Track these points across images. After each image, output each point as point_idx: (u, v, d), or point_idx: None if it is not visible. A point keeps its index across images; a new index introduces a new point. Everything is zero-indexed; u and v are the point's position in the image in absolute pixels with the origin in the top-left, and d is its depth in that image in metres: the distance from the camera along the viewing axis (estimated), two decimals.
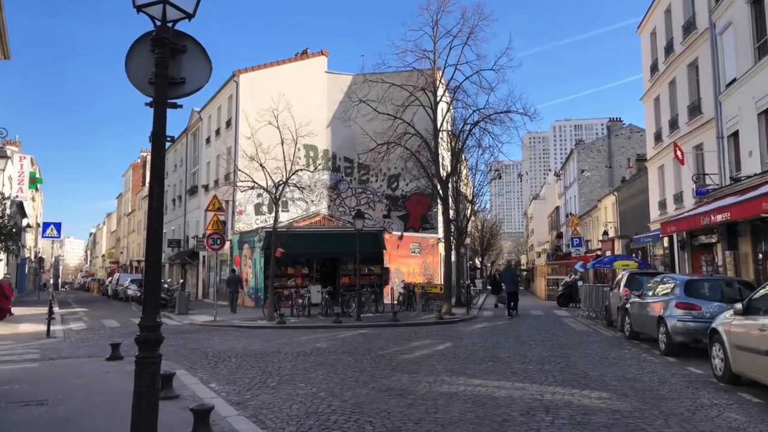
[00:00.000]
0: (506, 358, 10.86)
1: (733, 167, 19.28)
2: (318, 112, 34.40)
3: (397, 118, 22.10)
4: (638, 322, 13.23)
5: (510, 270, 26.98)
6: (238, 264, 31.24)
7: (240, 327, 18.21)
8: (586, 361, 10.43)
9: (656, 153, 27.10)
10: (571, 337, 14.73)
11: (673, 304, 11.03)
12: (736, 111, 18.52)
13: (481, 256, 64.90)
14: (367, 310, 22.23)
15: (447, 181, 23.75)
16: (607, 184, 51.71)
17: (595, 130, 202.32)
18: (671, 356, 10.93)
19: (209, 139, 39.28)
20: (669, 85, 25.05)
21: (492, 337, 14.73)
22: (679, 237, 22.91)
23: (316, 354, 11.56)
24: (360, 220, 19.88)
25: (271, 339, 14.45)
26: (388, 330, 16.75)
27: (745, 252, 17.71)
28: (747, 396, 7.46)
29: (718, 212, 14.86)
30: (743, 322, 7.64)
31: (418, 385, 8.20)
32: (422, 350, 12.13)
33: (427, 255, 32.82)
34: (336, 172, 35.67)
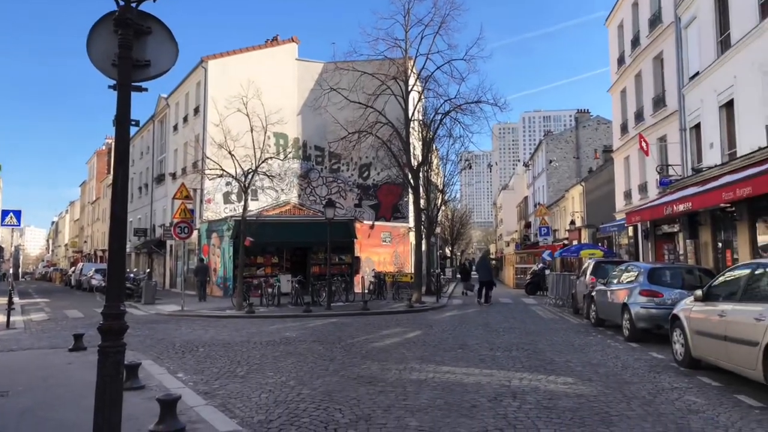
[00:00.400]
0: (475, 345, 10.99)
1: (695, 158, 19.79)
2: (288, 100, 34.01)
3: (368, 107, 22.01)
4: (603, 309, 13.55)
5: (484, 259, 27.35)
6: (207, 253, 30.82)
7: (208, 316, 17.99)
8: (553, 348, 10.63)
9: (622, 144, 27.64)
10: (539, 324, 15.00)
11: (637, 292, 11.32)
12: (698, 104, 18.98)
13: (451, 245, 65.44)
14: (337, 299, 22.21)
15: (418, 170, 23.81)
16: (575, 174, 52.60)
17: (563, 121, 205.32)
18: (634, 342, 11.22)
19: (177, 127, 38.51)
20: (635, 78, 25.52)
21: (461, 325, 14.89)
22: (643, 226, 23.47)
23: (285, 343, 11.51)
24: (331, 209, 19.79)
25: (240, 328, 14.32)
26: (359, 319, 16.77)
27: (705, 241, 18.25)
28: (706, 380, 7.72)
29: (680, 202, 15.26)
30: (703, 308, 7.88)
31: (388, 373, 8.24)
32: (392, 338, 12.19)
33: (398, 244, 32.96)
34: (307, 160, 35.40)
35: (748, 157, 14.48)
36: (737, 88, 16.18)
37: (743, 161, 14.66)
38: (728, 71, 16.65)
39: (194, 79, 35.03)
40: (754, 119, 15.16)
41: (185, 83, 36.66)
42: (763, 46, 14.49)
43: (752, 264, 7.66)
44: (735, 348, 6.88)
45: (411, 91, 23.32)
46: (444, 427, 5.58)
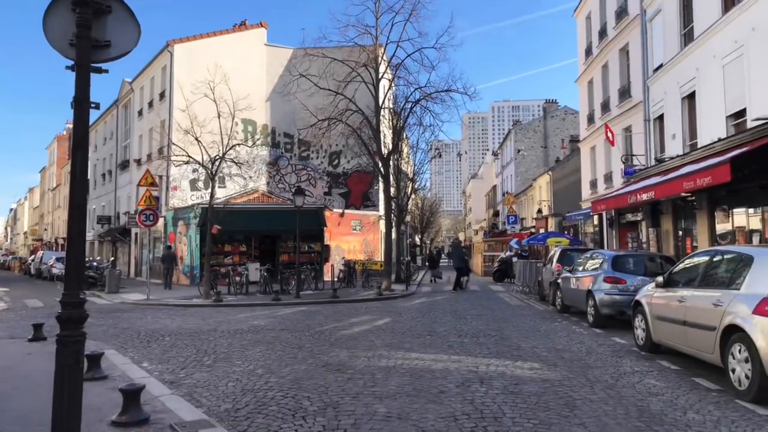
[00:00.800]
0: (443, 332, 11.09)
1: (658, 149, 20.26)
2: (257, 86, 33.50)
3: (338, 93, 21.84)
4: (569, 296, 13.81)
5: (458, 247, 27.68)
6: (173, 241, 30.30)
7: (174, 305, 17.71)
8: (519, 334, 10.80)
9: (589, 134, 28.11)
10: (506, 311, 15.22)
11: (601, 279, 11.57)
12: (662, 95, 19.40)
13: (421, 234, 65.76)
14: (307, 287, 22.12)
15: (388, 158, 23.78)
16: (543, 164, 53.35)
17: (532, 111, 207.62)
18: (598, 328, 11.49)
19: (141, 112, 37.57)
20: (602, 69, 25.93)
21: (430, 312, 15.00)
22: (608, 215, 23.98)
23: (253, 331, 11.41)
24: (300, 197, 19.63)
25: (207, 317, 14.14)
26: (328, 307, 16.74)
27: (667, 229, 18.75)
28: (666, 363, 7.95)
29: (643, 191, 15.61)
30: (664, 294, 8.10)
31: (356, 360, 8.25)
32: (361, 326, 12.20)
33: (368, 232, 32.97)
34: (275, 147, 34.99)
35: (708, 147, 14.88)
36: (699, 81, 16.58)
37: (704, 152, 15.06)
38: (691, 64, 17.04)
39: (159, 64, 34.17)
40: (715, 111, 15.58)
41: (150, 67, 35.74)
42: (724, 40, 14.86)
43: (710, 251, 7.89)
44: (694, 332, 7.10)
45: (381, 78, 23.22)
46: (412, 413, 5.62)
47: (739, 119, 14.57)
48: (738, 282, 6.51)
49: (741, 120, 14.41)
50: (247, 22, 35.40)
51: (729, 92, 14.91)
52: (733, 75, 14.68)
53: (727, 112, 15.05)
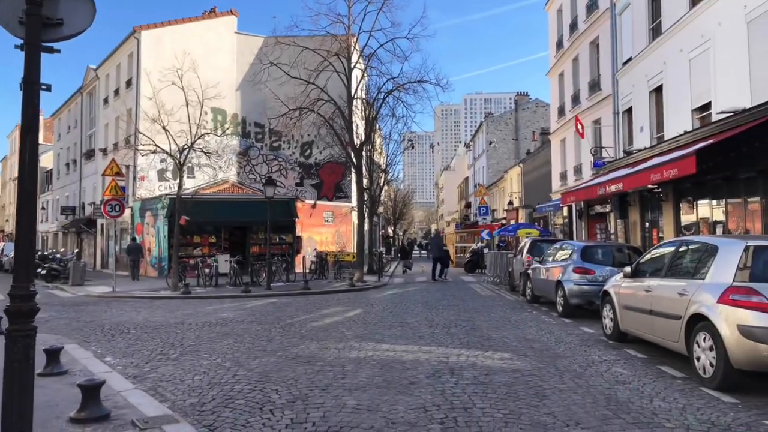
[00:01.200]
0: (414, 323, 11.06)
1: (626, 141, 20.56)
2: (227, 75, 32.89)
3: (309, 83, 21.56)
4: (539, 286, 13.94)
5: (437, 237, 28.11)
6: (140, 232, 29.66)
7: (141, 298, 17.32)
8: (490, 324, 10.84)
9: (559, 126, 28.40)
10: (477, 301, 15.29)
11: (571, 269, 11.69)
12: (630, 88, 19.66)
13: (394, 225, 65.85)
14: (278, 279, 21.89)
15: (361, 149, 23.63)
16: (514, 156, 53.81)
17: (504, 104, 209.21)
18: (567, 318, 11.61)
19: (107, 100, 36.58)
20: (572, 62, 26.17)
21: (402, 303, 14.98)
22: (577, 206, 24.30)
23: (222, 324, 11.20)
24: (271, 188, 19.35)
25: (175, 309, 13.85)
26: (299, 298, 16.58)
27: (634, 220, 19.08)
28: (632, 352, 8.06)
29: (612, 183, 15.81)
30: (631, 284, 8.19)
31: (326, 352, 8.15)
32: (332, 317, 12.10)
33: (340, 224, 32.78)
34: (246, 137, 34.46)
35: (675, 140, 15.14)
36: (666, 74, 16.84)
37: (670, 144, 15.32)
38: (658, 58, 17.29)
39: (126, 50, 33.26)
40: (681, 104, 15.85)
41: (116, 54, 34.77)
42: (690, 34, 15.10)
43: (676, 241, 8.00)
44: (660, 321, 7.19)
45: (354, 68, 23.02)
46: (382, 404, 5.55)
47: (704, 112, 14.85)
48: (703, 272, 6.60)
49: (706, 113, 14.69)
50: (216, 10, 34.68)
51: (695, 86, 15.18)
52: (699, 69, 14.94)
53: (692, 105, 15.32)
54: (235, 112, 34.08)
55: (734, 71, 13.11)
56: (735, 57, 13.03)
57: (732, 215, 13.29)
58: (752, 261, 6.05)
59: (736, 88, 13.05)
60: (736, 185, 12.96)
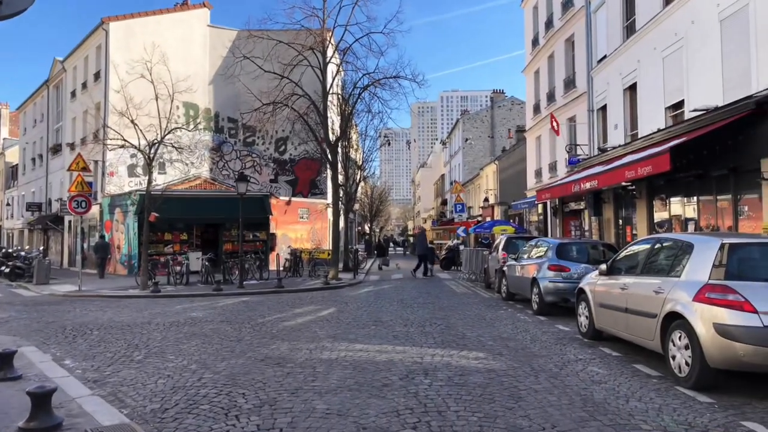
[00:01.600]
0: (389, 321, 10.88)
1: (601, 139, 20.68)
2: (199, 68, 32.27)
3: (283, 77, 21.17)
4: (514, 284, 13.88)
5: (422, 235, 28.28)
6: (109, 229, 28.91)
7: (109, 297, 16.81)
8: (465, 323, 10.72)
9: (535, 124, 28.50)
10: (452, 299, 15.17)
11: (546, 267, 11.63)
12: (605, 86, 19.77)
13: (370, 222, 65.59)
14: (251, 277, 21.51)
15: (336, 145, 23.34)
16: (489, 153, 54.05)
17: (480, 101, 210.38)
18: (543, 315, 11.55)
19: (75, 93, 35.54)
20: (548, 59, 26.26)
21: (377, 301, 14.79)
22: (552, 203, 24.42)
23: (191, 324, 10.86)
24: (243, 184, 18.95)
25: (143, 309, 13.42)
26: (272, 297, 16.27)
27: (608, 217, 19.20)
28: (607, 350, 7.99)
29: (587, 180, 15.85)
30: (606, 281, 8.12)
31: (298, 353, 7.90)
32: (305, 317, 11.84)
33: (315, 221, 32.42)
34: (219, 132, 33.86)
35: (648, 138, 15.24)
36: (640, 72, 16.94)
37: (644, 142, 15.41)
38: (632, 56, 17.38)
39: (94, 42, 32.35)
40: (654, 102, 15.95)
41: (84, 45, 33.78)
42: (664, 33, 15.18)
43: (652, 239, 7.96)
44: (635, 320, 7.12)
45: (329, 63, 22.69)
46: (353, 408, 5.35)
47: (678, 110, 14.96)
48: (678, 269, 6.55)
49: (679, 111, 14.80)
50: (189, 2, 33.95)
51: (668, 84, 15.28)
52: (672, 67, 15.04)
53: (666, 103, 15.43)
54: (208, 107, 33.45)
55: (707, 69, 13.21)
56: (708, 55, 13.13)
57: (703, 212, 13.40)
58: (727, 259, 6.00)
59: (708, 86, 13.15)
60: (708, 183, 13.06)
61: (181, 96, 21.40)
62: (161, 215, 21.56)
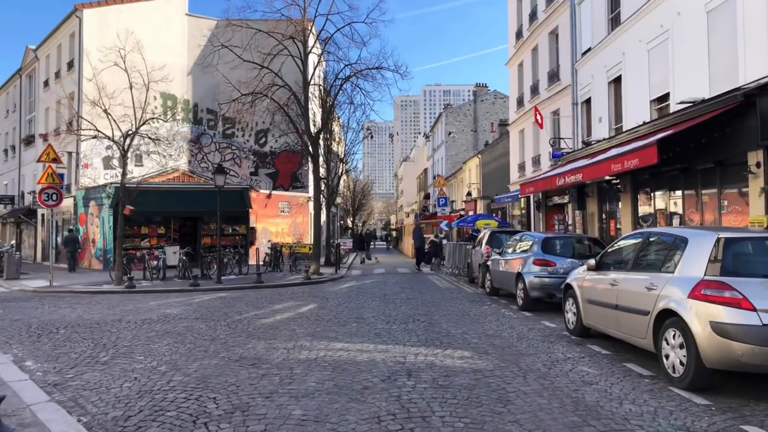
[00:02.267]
0: (371, 318, 10.54)
1: (585, 132, 20.52)
2: (177, 58, 31.51)
3: (263, 67, 20.63)
4: (498, 278, 13.62)
5: (419, 229, 29.18)
6: (84, 223, 28.13)
7: (81, 292, 16.23)
8: (449, 319, 10.42)
9: (518, 117, 28.30)
10: (435, 294, 14.88)
11: (531, 261, 11.37)
12: (589, 79, 19.58)
13: (353, 216, 65.20)
14: (229, 272, 21.03)
15: (317, 137, 22.87)
16: (472, 147, 53.89)
17: (462, 95, 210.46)
18: (528, 311, 11.30)
19: (48, 82, 34.52)
20: (532, 52, 26.03)
21: (358, 297, 14.44)
22: (535, 197, 24.26)
23: (164, 321, 10.40)
24: (221, 176, 18.43)
25: (115, 305, 12.91)
26: (251, 292, 15.83)
27: (592, 211, 19.06)
28: (597, 348, 7.74)
29: (572, 174, 15.64)
30: (595, 277, 7.87)
31: (274, 353, 7.52)
32: (284, 313, 11.44)
33: (297, 214, 31.95)
34: (198, 124, 33.15)
35: (633, 131, 15.05)
36: (625, 65, 16.76)
37: (629, 135, 15.22)
38: (617, 48, 17.19)
39: (67, 30, 31.40)
40: (639, 95, 15.78)
41: (57, 33, 32.81)
42: (649, 24, 14.99)
43: (643, 233, 7.71)
44: (626, 317, 6.87)
45: (310, 53, 22.19)
46: (331, 414, 5.00)
47: (663, 103, 14.80)
48: (671, 265, 6.29)
49: (664, 104, 14.64)
50: None
51: (654, 76, 15.10)
52: (657, 59, 14.86)
53: (651, 96, 15.26)
54: (186, 98, 32.74)
55: (693, 62, 13.03)
56: (694, 47, 12.95)
57: (688, 206, 13.26)
58: (723, 254, 5.75)
59: (695, 78, 12.98)
60: (693, 176, 12.91)
61: (158, 86, 20.76)
62: (137, 208, 20.97)
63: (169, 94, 30.38)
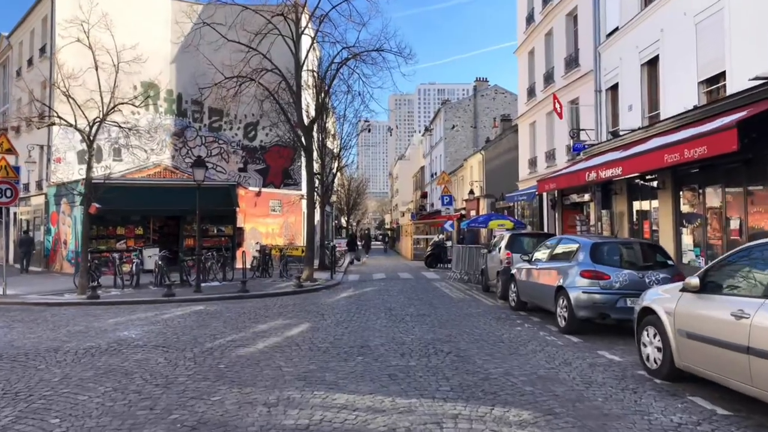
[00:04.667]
0: (380, 347, 8.28)
1: (609, 122, 18.38)
2: (160, 45, 29.12)
3: (251, 48, 18.34)
4: (528, 291, 11.39)
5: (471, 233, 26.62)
6: (56, 222, 25.73)
7: (34, 304, 13.91)
8: (481, 348, 8.19)
9: (528, 109, 26.14)
10: (450, 308, 12.65)
11: (577, 273, 9.14)
12: (616, 62, 17.44)
13: (347, 215, 62.92)
14: (212, 278, 18.76)
15: (311, 128, 20.59)
16: (472, 144, 51.75)
17: (457, 94, 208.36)
18: (573, 335, 9.08)
19: (20, 71, 32.03)
20: (545, 37, 23.88)
21: (359, 311, 12.18)
22: (550, 196, 22.11)
23: (113, 351, 8.12)
24: (201, 170, 16.12)
25: (63, 324, 10.60)
26: (233, 305, 13.55)
27: (621, 210, 16.93)
28: (705, 403, 5.51)
29: (607, 167, 13.47)
30: (701, 302, 5.65)
31: (249, 415, 5.25)
32: (269, 338, 9.18)
33: (289, 214, 29.59)
34: (182, 116, 30.76)
35: (678, 118, 12.91)
36: (664, 44, 14.61)
37: (673, 122, 13.09)
38: (653, 25, 15.04)
39: (40, 13, 28.97)
40: (684, 76, 13.62)
41: (29, 17, 30.35)
42: None
43: None
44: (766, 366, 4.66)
45: (303, 33, 19.89)
46: None
47: (714, 85, 12.68)
48: None
49: (717, 86, 12.52)
50: None
51: (703, 54, 12.94)
52: (708, 34, 12.70)
53: (699, 77, 13.11)
54: (170, 88, 30.34)
55: (756, 33, 10.90)
56: (757, 15, 10.81)
57: (755, 205, 11.11)
58: None
59: (758, 52, 10.84)
60: (761, 169, 10.76)
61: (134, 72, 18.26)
62: (112, 206, 18.80)
63: (150, 83, 27.96)
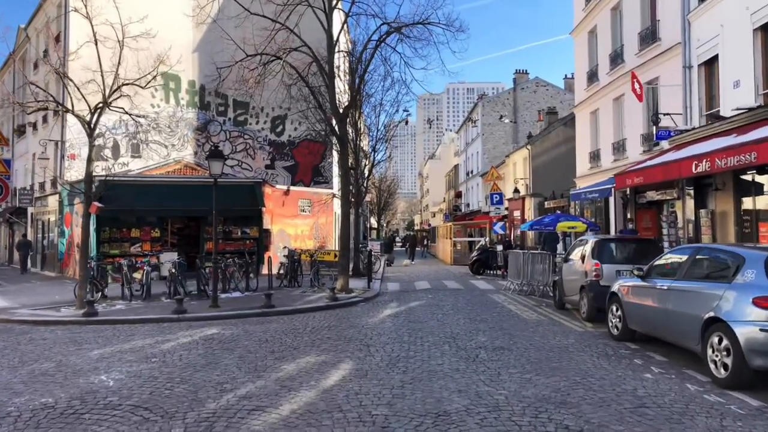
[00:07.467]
0: (465, 416, 5.52)
1: (703, 104, 15.33)
2: (182, 33, 26.93)
3: (276, 21, 15.83)
4: (644, 318, 8.45)
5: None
6: (69, 223, 23.76)
7: (19, 322, 11.64)
8: (621, 420, 5.41)
9: (589, 96, 23.08)
10: (532, 337, 9.80)
11: (745, 299, 6.25)
12: (715, 31, 14.40)
13: (378, 216, 60.29)
14: (234, 287, 16.32)
15: (346, 115, 17.99)
16: (512, 139, 48.62)
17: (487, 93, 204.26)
18: (740, 391, 6.20)
19: (37, 63, 30.33)
20: (611, 11, 20.83)
21: (415, 341, 9.44)
22: (622, 193, 19.08)
23: (71, 414, 5.56)
24: (218, 162, 13.62)
25: (32, 359, 8.16)
26: (254, 326, 10.98)
27: (723, 210, 13.88)
28: None
29: (734, 152, 10.48)
30: None
31: None
32: (298, 392, 6.52)
33: (319, 214, 27.08)
34: (205, 110, 28.56)
35: None
36: None
37: None
38: None
39: (54, 1, 27.09)
40: None
41: (44, 6, 28.50)
42: None
43: None
44: None
45: (335, 7, 17.30)
46: None
47: None
48: None
49: None
50: None
51: None
52: None
53: None
54: (192, 79, 28.19)
55: None
56: None
57: None
58: None
59: None
60: None
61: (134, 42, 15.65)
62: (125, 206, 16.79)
63: (173, 74, 25.82)
